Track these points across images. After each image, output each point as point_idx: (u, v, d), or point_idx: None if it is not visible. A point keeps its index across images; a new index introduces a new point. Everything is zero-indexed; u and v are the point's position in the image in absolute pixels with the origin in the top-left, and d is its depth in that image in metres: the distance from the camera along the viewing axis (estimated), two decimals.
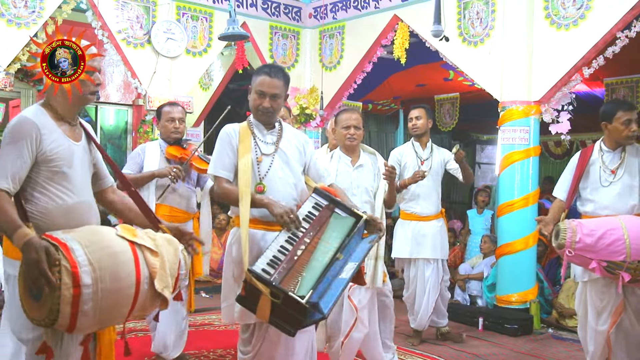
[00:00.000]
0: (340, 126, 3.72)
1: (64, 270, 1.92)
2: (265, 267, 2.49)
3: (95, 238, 2.06)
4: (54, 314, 1.92)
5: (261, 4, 7.32)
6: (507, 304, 5.60)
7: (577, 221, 3.34)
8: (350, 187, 3.67)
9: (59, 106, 2.24)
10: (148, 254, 2.13)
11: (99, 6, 6.02)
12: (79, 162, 2.28)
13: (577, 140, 9.93)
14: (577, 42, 5.19)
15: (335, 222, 2.75)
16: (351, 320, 3.61)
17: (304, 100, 7.42)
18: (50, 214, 2.17)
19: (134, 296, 2.08)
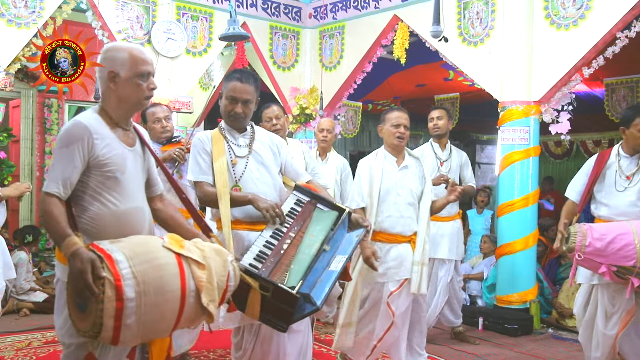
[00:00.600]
0: (389, 124, 3.65)
1: (107, 283, 1.89)
2: (252, 262, 2.48)
3: (140, 250, 2.02)
4: (98, 327, 1.90)
5: (261, 4, 7.32)
6: (507, 304, 5.60)
7: (587, 225, 3.32)
8: (395, 187, 3.62)
9: (112, 111, 2.22)
10: (195, 267, 2.08)
11: (99, 6, 6.02)
12: (132, 167, 2.25)
13: (577, 140, 9.93)
14: (577, 42, 5.19)
15: (318, 217, 2.76)
16: (386, 325, 3.58)
17: (303, 100, 7.42)
18: (101, 220, 2.15)
19: (179, 310, 2.03)
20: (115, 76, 2.20)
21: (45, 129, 8.38)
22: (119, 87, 2.19)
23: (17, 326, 5.30)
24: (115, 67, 2.20)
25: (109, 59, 2.22)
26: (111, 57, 2.23)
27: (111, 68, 2.20)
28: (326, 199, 2.85)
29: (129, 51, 2.23)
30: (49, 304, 5.78)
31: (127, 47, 2.26)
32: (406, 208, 3.62)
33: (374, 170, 3.62)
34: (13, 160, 7.65)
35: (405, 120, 3.65)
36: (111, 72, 2.20)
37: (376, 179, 3.58)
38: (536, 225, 5.73)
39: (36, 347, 4.64)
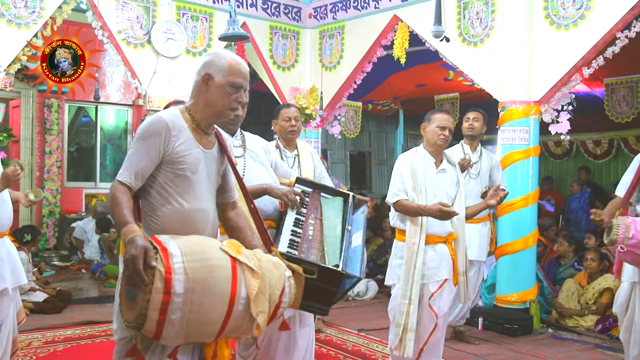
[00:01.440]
0: (435, 124, 3.60)
1: (157, 274, 1.88)
2: (288, 249, 2.54)
3: (197, 248, 2.01)
4: (142, 318, 1.88)
5: (261, 4, 7.32)
6: (506, 304, 5.61)
7: (631, 218, 3.28)
8: (433, 188, 3.59)
9: (197, 113, 2.25)
10: (248, 274, 2.04)
11: (99, 6, 6.01)
12: (204, 169, 2.25)
13: (576, 140, 9.93)
14: (577, 42, 5.19)
15: (326, 204, 2.91)
16: (430, 327, 3.57)
17: (303, 100, 7.42)
18: (165, 217, 2.16)
19: (225, 315, 1.99)
20: (209, 79, 2.23)
21: (45, 129, 8.38)
22: (210, 91, 2.23)
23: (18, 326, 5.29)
24: (212, 71, 2.23)
25: (209, 63, 2.26)
26: (211, 61, 2.26)
27: (208, 71, 2.23)
28: (328, 187, 3.03)
29: (229, 60, 2.26)
30: (49, 304, 5.78)
31: (229, 56, 2.28)
32: None
33: (416, 166, 3.59)
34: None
35: (451, 124, 3.63)
36: (207, 75, 2.23)
37: (419, 175, 3.57)
38: (536, 225, 5.73)
39: (36, 347, 4.64)
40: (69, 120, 9.00)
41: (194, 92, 2.28)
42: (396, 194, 3.59)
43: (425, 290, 3.56)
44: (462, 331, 5.12)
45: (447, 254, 3.60)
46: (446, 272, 3.57)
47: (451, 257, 3.61)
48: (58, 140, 8.49)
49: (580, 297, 5.71)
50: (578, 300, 5.70)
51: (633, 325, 3.51)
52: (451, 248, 3.62)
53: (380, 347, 4.81)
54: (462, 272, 3.61)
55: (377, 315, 5.86)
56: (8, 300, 3.59)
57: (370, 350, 4.75)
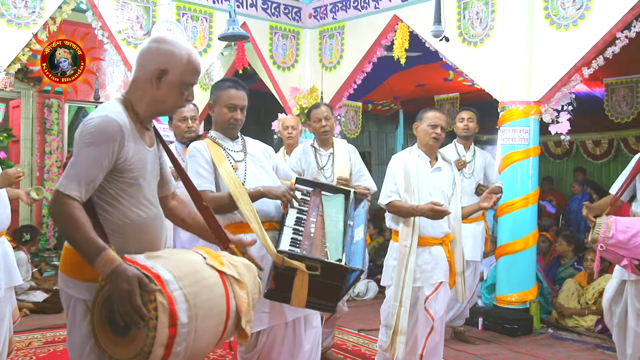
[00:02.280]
0: (426, 123, 3.56)
1: (160, 306, 1.67)
2: (290, 248, 2.53)
3: (187, 269, 1.82)
4: (144, 356, 1.67)
5: (261, 4, 7.31)
6: (506, 304, 5.60)
7: (614, 217, 3.31)
8: (428, 187, 3.53)
9: (141, 108, 1.98)
10: (236, 287, 1.93)
11: (99, 6, 6.01)
12: (150, 171, 2.04)
13: (576, 140, 9.93)
14: (577, 42, 5.19)
15: (327, 201, 2.91)
16: (427, 330, 3.52)
17: (303, 100, 7.42)
18: (122, 231, 1.92)
19: (221, 332, 1.89)
20: (163, 75, 1.95)
21: (45, 129, 8.38)
22: (161, 88, 1.96)
23: (17, 326, 5.29)
24: (168, 65, 1.95)
25: (164, 52, 1.96)
26: (167, 51, 1.96)
27: (163, 66, 1.95)
28: (328, 184, 3.04)
29: (188, 55, 1.99)
30: (49, 304, 5.78)
31: (187, 50, 2.00)
32: None
33: (409, 166, 3.53)
34: (13, 160, 7.65)
35: (443, 121, 3.57)
36: (161, 71, 1.95)
37: (412, 176, 3.50)
38: (536, 225, 5.73)
39: (36, 347, 4.64)
40: (69, 120, 8.99)
41: (137, 83, 1.98)
42: (388, 195, 3.55)
43: (420, 293, 3.51)
44: (462, 331, 5.12)
45: (443, 256, 3.54)
46: (442, 275, 3.51)
47: (447, 259, 3.55)
48: (58, 140, 8.48)
49: (580, 297, 5.71)
50: (578, 300, 5.70)
51: (627, 325, 3.52)
52: (447, 250, 3.56)
53: None
54: (460, 272, 3.57)
55: (377, 315, 5.84)
56: (3, 301, 3.58)
57: (370, 350, 4.75)
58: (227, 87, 2.93)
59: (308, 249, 2.54)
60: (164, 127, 6.57)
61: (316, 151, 4.25)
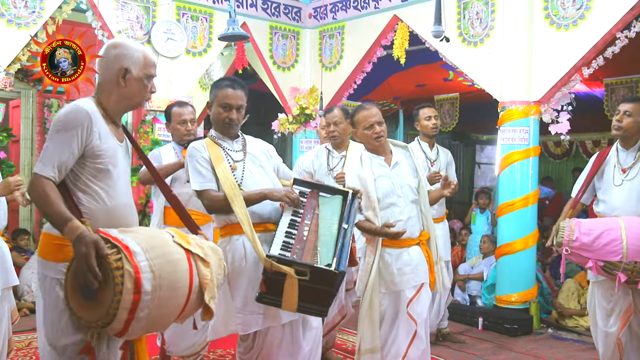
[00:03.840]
0: (362, 127, 3.35)
1: (126, 274, 1.86)
2: (281, 251, 2.52)
3: (155, 243, 2.01)
4: (110, 318, 1.87)
5: (261, 4, 7.32)
6: (506, 304, 5.61)
7: (576, 220, 3.34)
8: (393, 188, 3.33)
9: (110, 106, 2.19)
10: (200, 264, 2.09)
11: (99, 6, 6.02)
12: (122, 162, 2.23)
13: (576, 140, 9.94)
14: (577, 42, 5.19)
15: (324, 203, 2.88)
16: (409, 337, 3.29)
17: (303, 100, 7.42)
18: (92, 215, 2.09)
19: (183, 305, 2.04)
20: (127, 73, 2.18)
21: (45, 129, 8.38)
22: (128, 86, 2.18)
23: (17, 326, 5.29)
24: (129, 64, 2.18)
25: (122, 55, 2.18)
26: (124, 54, 2.19)
27: (124, 65, 2.18)
28: (326, 185, 2.99)
29: (143, 52, 2.23)
30: None
31: (141, 48, 2.25)
32: (410, 208, 3.36)
33: (364, 178, 3.30)
34: (13, 160, 7.65)
35: (376, 116, 3.31)
36: (123, 69, 2.17)
37: (370, 187, 3.27)
38: (536, 225, 5.73)
39: (36, 347, 4.63)
40: None
41: (104, 86, 2.20)
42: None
43: (401, 298, 3.32)
44: (447, 332, 5.07)
45: (422, 256, 3.37)
46: (423, 276, 3.35)
47: (425, 258, 3.39)
48: None
49: (580, 297, 5.71)
50: (578, 300, 5.70)
51: (597, 324, 3.56)
52: (425, 249, 3.41)
53: None
54: (436, 261, 3.43)
55: None
56: (1, 301, 3.57)
57: None
58: (224, 87, 2.92)
59: (299, 253, 2.52)
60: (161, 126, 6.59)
61: (329, 153, 4.25)
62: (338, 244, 2.57)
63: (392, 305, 3.35)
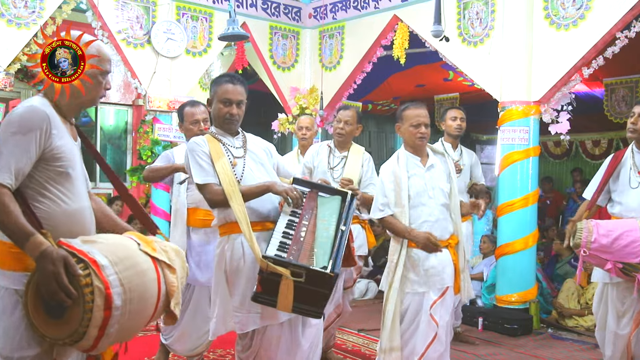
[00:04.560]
0: (408, 123, 3.38)
1: (96, 291, 1.78)
2: (277, 252, 2.51)
3: (122, 254, 1.92)
4: (79, 336, 1.79)
5: (261, 4, 7.32)
6: (506, 304, 5.61)
7: (594, 221, 3.29)
8: (425, 189, 3.36)
9: (63, 104, 2.07)
10: (167, 272, 2.04)
11: (99, 6, 6.02)
12: (78, 163, 2.12)
13: (576, 140, 9.93)
14: (577, 42, 5.19)
15: (323, 204, 2.87)
16: (429, 338, 3.30)
17: (303, 100, 7.42)
18: (52, 220, 1.97)
19: (151, 315, 2.00)
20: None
21: None
22: (80, 81, 2.05)
23: None
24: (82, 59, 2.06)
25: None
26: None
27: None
28: (325, 186, 2.97)
29: (97, 46, 2.11)
30: None
31: (96, 42, 2.12)
32: (440, 210, 3.38)
33: (399, 175, 3.36)
34: None
35: (425, 117, 3.39)
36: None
37: (403, 184, 3.33)
38: (536, 225, 5.73)
39: None
40: None
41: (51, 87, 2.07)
42: (380, 209, 3.40)
43: (425, 299, 3.34)
44: (459, 332, 5.11)
45: (450, 259, 3.39)
46: (448, 279, 3.37)
47: (453, 261, 3.40)
48: None
49: (580, 297, 5.71)
50: (578, 300, 5.71)
51: (607, 326, 3.53)
52: (453, 252, 3.42)
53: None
54: (463, 269, 3.46)
55: (377, 315, 5.83)
56: None
57: (370, 350, 4.75)
58: (224, 82, 2.92)
59: (295, 254, 2.51)
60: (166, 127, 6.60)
61: (330, 151, 4.25)
62: (335, 245, 2.56)
63: (415, 305, 3.37)
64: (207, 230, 3.73)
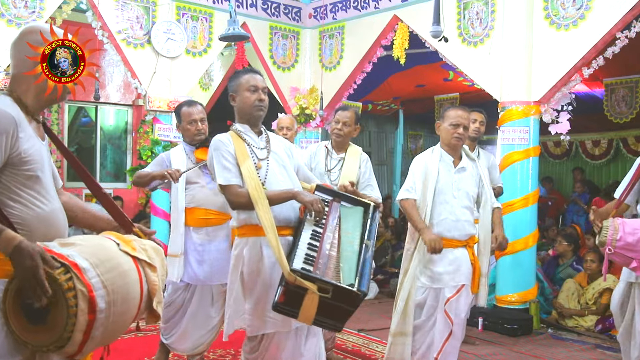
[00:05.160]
0: (448, 122, 3.47)
1: (80, 294, 1.73)
2: (304, 265, 2.45)
3: (102, 255, 1.87)
4: (64, 341, 1.74)
5: (261, 4, 7.32)
6: (507, 304, 5.61)
7: (621, 219, 3.25)
8: (451, 189, 3.46)
9: (29, 101, 1.98)
10: (148, 271, 2.01)
11: (99, 6, 6.02)
12: (47, 163, 2.04)
13: (576, 140, 9.94)
14: (577, 42, 5.19)
15: (346, 214, 2.81)
16: (445, 334, 3.41)
17: (303, 100, 7.43)
18: (27, 224, 1.91)
19: (134, 316, 1.96)
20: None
21: None
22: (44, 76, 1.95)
23: None
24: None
25: (35, 42, 1.95)
26: (40, 40, 1.95)
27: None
28: (348, 195, 2.91)
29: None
30: None
31: (60, 33, 2.03)
32: (462, 211, 3.46)
33: (430, 168, 3.46)
34: None
35: (466, 120, 3.47)
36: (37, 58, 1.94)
37: (431, 177, 3.43)
38: (536, 225, 5.73)
39: None
40: (69, 120, 9.00)
41: (19, 78, 1.98)
42: (408, 190, 3.52)
43: (441, 295, 3.42)
44: None
45: (467, 259, 3.45)
46: (464, 278, 3.43)
47: (471, 261, 3.45)
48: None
49: (580, 297, 5.71)
50: (578, 301, 5.71)
51: (632, 328, 3.50)
52: (472, 253, 3.47)
53: (380, 347, 4.81)
54: (484, 273, 3.51)
55: (377, 315, 5.86)
56: None
57: (370, 350, 4.75)
58: (244, 74, 2.90)
59: (322, 267, 2.46)
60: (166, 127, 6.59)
61: (328, 152, 4.23)
62: (360, 261, 2.52)
63: (432, 300, 3.45)
64: (209, 230, 3.73)
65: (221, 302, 3.75)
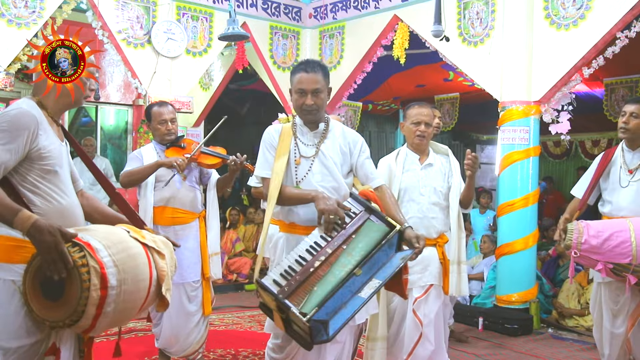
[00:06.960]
0: (409, 121, 3.45)
1: (92, 270, 1.86)
2: (278, 278, 2.33)
3: (113, 239, 2.01)
4: (78, 315, 1.87)
5: (261, 4, 7.32)
6: (507, 304, 5.61)
7: (584, 222, 3.30)
8: (418, 186, 3.42)
9: (50, 105, 2.16)
10: (157, 257, 2.11)
11: (99, 6, 6.02)
12: (66, 162, 2.22)
13: (576, 140, 9.94)
14: (577, 42, 5.19)
15: (366, 232, 2.51)
16: (415, 336, 3.30)
17: None
18: (46, 215, 2.03)
19: (145, 298, 2.06)
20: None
21: None
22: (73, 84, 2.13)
23: None
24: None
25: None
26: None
27: None
28: (379, 213, 2.58)
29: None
30: None
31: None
32: (430, 208, 3.40)
33: (393, 169, 3.44)
34: None
35: (426, 116, 3.42)
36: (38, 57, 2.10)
37: (395, 178, 3.41)
38: (536, 225, 5.73)
39: None
40: (69, 120, 9.00)
41: (42, 84, 2.15)
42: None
43: (409, 297, 3.28)
44: (452, 330, 5.06)
45: (436, 258, 3.36)
46: (432, 278, 3.34)
47: (440, 260, 3.37)
48: None
49: (580, 297, 5.71)
50: (578, 300, 5.70)
51: (603, 326, 3.53)
52: (441, 252, 3.39)
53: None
54: (453, 260, 3.41)
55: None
56: None
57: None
58: (298, 71, 2.83)
59: (293, 285, 2.28)
60: None
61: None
62: (335, 291, 2.25)
63: (401, 303, 3.35)
64: (177, 228, 3.75)
65: (200, 297, 3.80)
